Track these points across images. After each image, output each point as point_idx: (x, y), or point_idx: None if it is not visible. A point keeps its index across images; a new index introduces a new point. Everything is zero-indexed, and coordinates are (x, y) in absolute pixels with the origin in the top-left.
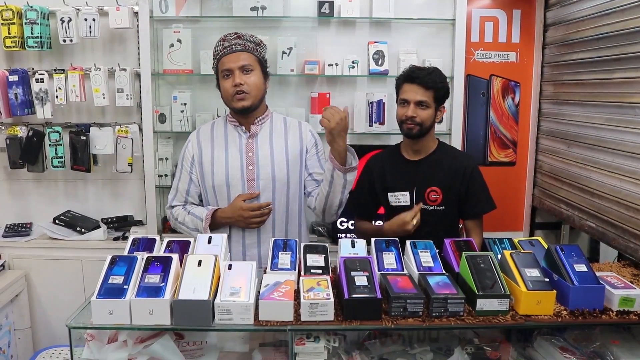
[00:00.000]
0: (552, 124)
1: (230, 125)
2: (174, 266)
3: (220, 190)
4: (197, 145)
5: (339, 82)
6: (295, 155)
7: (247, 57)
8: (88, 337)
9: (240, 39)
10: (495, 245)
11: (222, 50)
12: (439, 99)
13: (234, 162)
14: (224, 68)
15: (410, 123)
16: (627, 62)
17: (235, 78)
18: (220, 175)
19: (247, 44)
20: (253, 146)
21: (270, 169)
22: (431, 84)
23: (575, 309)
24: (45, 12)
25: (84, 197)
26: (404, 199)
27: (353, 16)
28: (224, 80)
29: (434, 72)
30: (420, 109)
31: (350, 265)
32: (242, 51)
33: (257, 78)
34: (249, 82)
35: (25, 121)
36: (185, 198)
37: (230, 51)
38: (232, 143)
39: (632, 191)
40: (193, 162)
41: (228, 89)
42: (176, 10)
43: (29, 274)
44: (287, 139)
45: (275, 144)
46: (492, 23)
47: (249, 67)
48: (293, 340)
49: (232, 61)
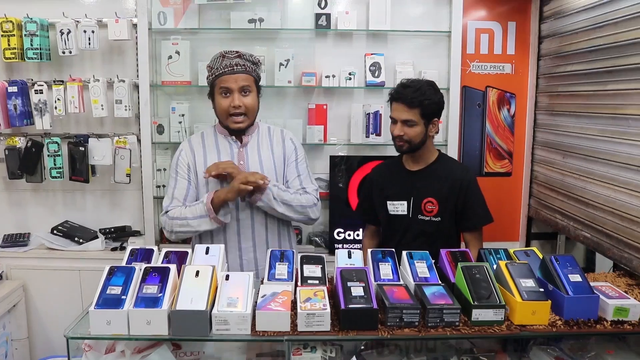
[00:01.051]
0: (547, 135)
1: (221, 135)
2: (171, 277)
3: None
4: (191, 153)
5: (336, 93)
6: (281, 163)
7: (246, 79)
8: (86, 348)
9: (240, 59)
10: (491, 255)
11: (222, 68)
12: (427, 115)
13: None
14: (223, 85)
15: (399, 141)
16: (620, 74)
17: (234, 99)
18: (215, 184)
19: (247, 65)
20: (244, 155)
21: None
22: (416, 102)
23: (570, 318)
24: (45, 24)
25: (82, 208)
26: (402, 208)
27: (350, 28)
28: (221, 98)
29: (420, 89)
30: (407, 127)
31: (346, 275)
32: (242, 72)
33: (253, 99)
34: (247, 104)
35: (24, 132)
36: (182, 204)
37: (232, 72)
38: (223, 152)
39: (627, 201)
40: (189, 169)
41: (225, 108)
42: (175, 22)
43: (27, 284)
44: (272, 147)
45: (262, 152)
46: (488, 35)
47: (247, 88)
48: (290, 351)
49: (232, 81)
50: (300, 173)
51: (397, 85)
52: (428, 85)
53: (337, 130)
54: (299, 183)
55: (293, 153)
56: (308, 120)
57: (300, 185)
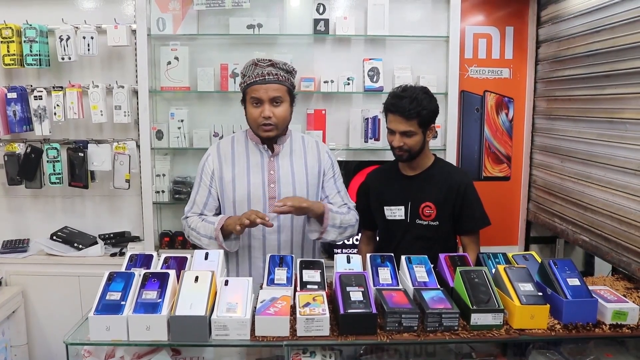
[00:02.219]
0: (545, 139)
1: (252, 142)
2: (171, 282)
3: (241, 205)
4: (218, 159)
5: (334, 98)
6: (314, 175)
7: (278, 89)
8: (85, 354)
9: (273, 68)
10: (490, 259)
11: (254, 77)
12: (424, 124)
13: (256, 180)
14: (254, 95)
15: (399, 151)
16: (617, 78)
17: (265, 110)
18: (242, 191)
19: (280, 74)
20: (274, 164)
21: (291, 187)
22: (413, 114)
23: (569, 322)
24: (44, 30)
25: (81, 214)
26: (399, 213)
27: (348, 34)
28: (252, 107)
29: (416, 99)
30: (406, 138)
31: (345, 280)
32: (274, 82)
33: (285, 110)
34: (277, 115)
35: (23, 138)
36: (201, 210)
37: (263, 82)
38: (253, 160)
39: (624, 205)
40: (213, 176)
41: (256, 118)
42: (173, 28)
43: (26, 291)
44: (306, 158)
45: (295, 163)
46: (486, 40)
47: (279, 98)
48: (289, 356)
49: (262, 91)
50: (340, 189)
51: (391, 96)
52: (423, 93)
53: (336, 135)
54: (341, 199)
55: (331, 169)
56: (307, 125)
57: (343, 202)
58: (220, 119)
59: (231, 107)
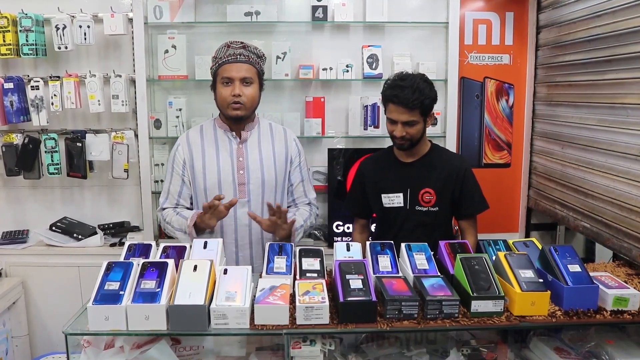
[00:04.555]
0: (546, 126)
1: (220, 130)
2: (169, 271)
3: (212, 192)
4: (188, 148)
5: (333, 86)
6: (282, 162)
7: (249, 70)
8: (85, 344)
9: (245, 50)
10: (490, 246)
11: (226, 57)
12: (426, 112)
13: (226, 166)
14: (225, 75)
15: (401, 140)
16: (619, 63)
17: (235, 88)
18: (212, 179)
19: (251, 56)
20: (243, 151)
21: (260, 173)
22: (417, 104)
23: (570, 309)
24: (40, 19)
25: (80, 204)
26: (398, 200)
27: (347, 20)
28: (222, 87)
29: (417, 89)
30: (408, 127)
31: (345, 268)
32: (245, 62)
33: (254, 91)
34: (247, 94)
35: (20, 128)
36: (177, 200)
37: (235, 60)
38: (222, 147)
39: (625, 191)
40: (185, 165)
41: (226, 97)
42: (171, 16)
43: (26, 281)
44: (274, 144)
45: (263, 150)
46: (485, 26)
47: (249, 79)
48: (289, 344)
49: (234, 70)
50: (304, 178)
51: (390, 86)
52: (423, 82)
53: (335, 122)
54: (303, 189)
55: (297, 156)
56: (306, 113)
57: (304, 191)
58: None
59: None
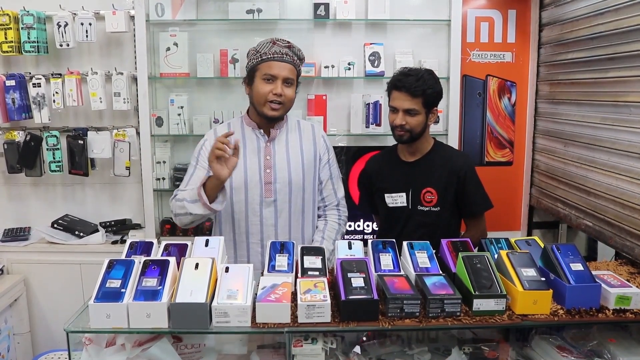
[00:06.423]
0: (548, 124)
1: (248, 128)
2: (171, 269)
3: (239, 191)
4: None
5: (335, 83)
6: (310, 160)
7: (292, 71)
8: (86, 341)
9: (290, 50)
10: (492, 245)
11: (272, 54)
12: (429, 104)
13: (252, 165)
14: (268, 72)
15: (400, 130)
16: (621, 61)
17: (277, 87)
18: (239, 177)
19: (295, 59)
20: (271, 150)
21: (287, 172)
22: (419, 91)
23: (572, 307)
24: (42, 16)
25: (82, 201)
26: (401, 200)
27: (349, 18)
28: (263, 83)
29: (422, 78)
30: (409, 117)
31: (347, 266)
32: (290, 63)
33: (293, 92)
34: (287, 95)
35: (22, 126)
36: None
37: (281, 59)
38: (249, 145)
39: (628, 189)
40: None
41: (266, 94)
42: (172, 13)
43: (28, 279)
44: (302, 143)
45: (291, 148)
46: (488, 23)
47: (291, 80)
48: (291, 342)
49: (279, 69)
50: (333, 175)
51: (397, 73)
52: (429, 74)
53: (337, 120)
54: (332, 187)
55: (326, 153)
56: (307, 111)
57: (333, 189)
58: (220, 105)
59: (231, 93)
